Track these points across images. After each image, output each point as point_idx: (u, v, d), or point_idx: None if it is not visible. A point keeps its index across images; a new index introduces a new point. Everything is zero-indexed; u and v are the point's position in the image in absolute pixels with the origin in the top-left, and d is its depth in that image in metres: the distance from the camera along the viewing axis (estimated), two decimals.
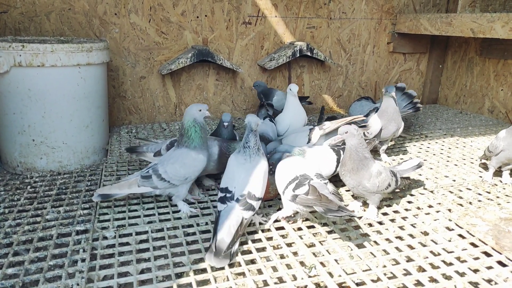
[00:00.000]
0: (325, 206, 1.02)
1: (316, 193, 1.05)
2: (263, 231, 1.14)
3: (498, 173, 1.51)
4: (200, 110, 1.22)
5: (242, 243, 1.07)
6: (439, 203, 1.31)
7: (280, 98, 2.02)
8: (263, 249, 1.06)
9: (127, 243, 1.08)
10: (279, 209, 1.24)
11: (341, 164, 1.23)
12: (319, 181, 1.10)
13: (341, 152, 1.36)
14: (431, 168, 1.61)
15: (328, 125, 1.48)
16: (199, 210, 1.25)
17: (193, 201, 1.30)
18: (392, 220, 1.21)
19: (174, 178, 1.19)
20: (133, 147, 1.48)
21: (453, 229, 1.17)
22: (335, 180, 1.48)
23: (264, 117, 1.70)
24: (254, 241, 1.09)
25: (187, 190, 1.24)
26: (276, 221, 1.17)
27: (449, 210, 1.27)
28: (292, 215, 1.17)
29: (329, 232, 1.14)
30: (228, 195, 1.08)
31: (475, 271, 0.99)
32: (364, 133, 1.67)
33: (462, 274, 0.98)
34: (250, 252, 1.04)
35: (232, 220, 1.03)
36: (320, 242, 1.09)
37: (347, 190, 1.42)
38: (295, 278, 0.96)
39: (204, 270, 0.97)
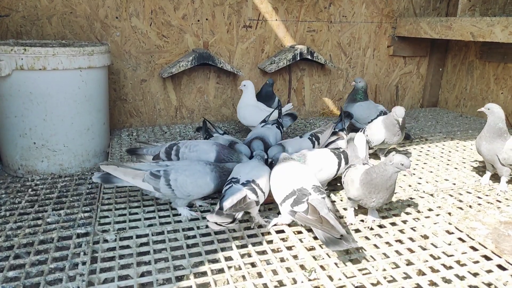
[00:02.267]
0: (327, 231, 1.00)
1: (316, 214, 1.03)
2: (263, 234, 1.14)
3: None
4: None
5: (242, 246, 1.08)
6: (439, 207, 1.31)
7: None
8: (263, 252, 1.06)
9: (128, 246, 1.08)
10: (279, 212, 1.24)
11: (370, 185, 1.11)
12: (317, 195, 1.08)
13: (342, 156, 1.36)
14: (431, 172, 1.61)
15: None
16: (199, 213, 1.25)
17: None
18: (392, 224, 1.22)
19: (179, 190, 1.19)
20: (134, 149, 1.47)
21: (453, 233, 1.17)
22: (335, 183, 1.49)
23: (272, 123, 1.68)
24: (254, 244, 1.09)
25: (185, 205, 1.24)
26: (275, 225, 1.18)
27: (449, 213, 1.27)
28: (289, 222, 1.17)
29: None
30: (233, 180, 1.12)
31: (475, 274, 0.99)
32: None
33: (461, 278, 0.98)
34: (250, 255, 1.05)
35: (235, 194, 1.07)
36: (320, 245, 1.09)
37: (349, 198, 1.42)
38: (295, 282, 0.96)
39: (204, 273, 0.97)
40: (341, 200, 1.37)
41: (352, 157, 1.33)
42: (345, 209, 1.30)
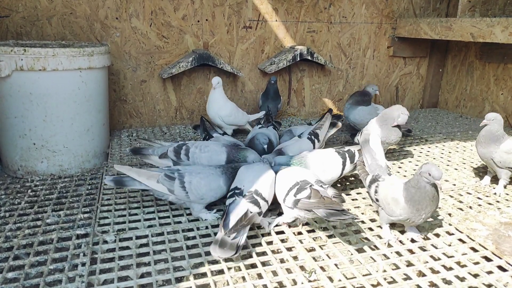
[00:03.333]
0: (329, 207, 1.02)
1: (318, 196, 1.05)
2: (263, 235, 1.14)
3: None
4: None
5: (242, 247, 1.07)
6: (439, 208, 1.31)
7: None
8: (263, 253, 1.06)
9: (127, 247, 1.08)
10: (280, 213, 1.24)
11: (415, 202, 1.04)
12: (319, 187, 1.10)
13: (347, 155, 1.33)
14: None
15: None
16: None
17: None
18: (392, 224, 1.21)
19: (193, 192, 1.18)
20: (138, 149, 1.46)
21: (453, 234, 1.17)
22: (341, 183, 1.48)
23: (267, 126, 1.71)
24: (254, 245, 1.09)
25: (201, 209, 1.23)
26: (276, 225, 1.18)
27: (449, 214, 1.27)
28: (292, 221, 1.17)
29: (329, 237, 1.14)
30: (237, 191, 1.12)
31: (475, 275, 0.99)
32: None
33: (462, 279, 0.98)
34: (250, 256, 1.04)
35: (237, 210, 1.06)
36: (320, 246, 1.09)
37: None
38: (295, 283, 0.96)
39: (204, 275, 0.97)
40: None
41: (373, 165, 1.20)
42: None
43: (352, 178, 1.55)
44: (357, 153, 1.36)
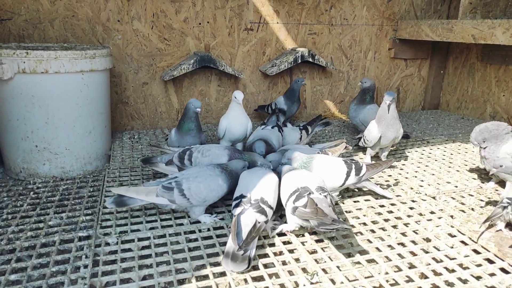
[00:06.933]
0: (320, 219, 1.01)
1: (313, 206, 1.04)
2: (265, 237, 1.14)
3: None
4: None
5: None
6: (441, 209, 1.31)
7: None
8: (265, 255, 1.06)
9: (129, 249, 1.08)
10: (281, 215, 1.24)
11: None
12: (319, 194, 1.09)
13: (353, 166, 1.31)
14: (433, 174, 1.61)
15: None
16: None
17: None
18: (394, 227, 1.21)
19: (194, 197, 1.18)
20: (148, 158, 1.46)
21: (455, 236, 1.16)
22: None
23: (272, 126, 1.68)
24: (256, 247, 1.09)
25: (202, 212, 1.23)
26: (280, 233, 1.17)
27: (451, 216, 1.27)
28: (295, 229, 1.16)
29: (331, 239, 1.14)
30: (243, 199, 1.10)
31: (478, 278, 0.99)
32: (364, 140, 1.68)
33: (464, 281, 0.97)
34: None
35: (246, 222, 1.05)
36: (322, 248, 1.09)
37: (355, 202, 1.42)
38: (297, 285, 0.96)
39: (206, 277, 0.97)
40: (343, 203, 1.36)
41: None
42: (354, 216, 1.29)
43: None
44: (364, 167, 1.32)
